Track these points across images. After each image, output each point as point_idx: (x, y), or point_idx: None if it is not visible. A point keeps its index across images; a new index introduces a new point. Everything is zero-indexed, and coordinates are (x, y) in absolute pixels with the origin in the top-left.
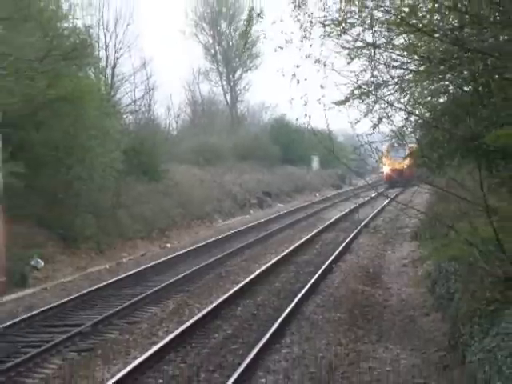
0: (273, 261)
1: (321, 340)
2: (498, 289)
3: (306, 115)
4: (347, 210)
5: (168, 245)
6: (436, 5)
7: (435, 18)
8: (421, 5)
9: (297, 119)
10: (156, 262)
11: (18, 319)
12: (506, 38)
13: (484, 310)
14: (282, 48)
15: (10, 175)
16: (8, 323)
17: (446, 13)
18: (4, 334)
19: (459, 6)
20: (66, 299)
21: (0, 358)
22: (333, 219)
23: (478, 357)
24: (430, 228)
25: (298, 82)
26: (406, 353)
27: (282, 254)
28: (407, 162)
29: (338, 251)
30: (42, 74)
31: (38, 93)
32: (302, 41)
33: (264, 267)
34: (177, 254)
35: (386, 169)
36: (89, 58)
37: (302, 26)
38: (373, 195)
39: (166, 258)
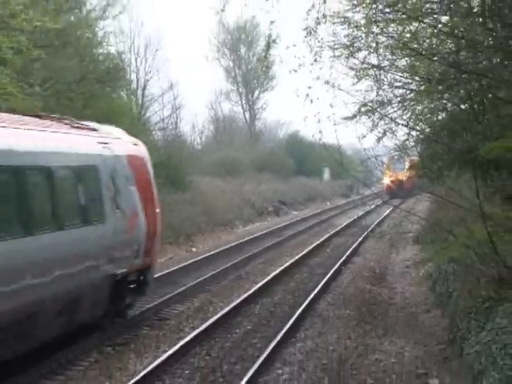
0: (288, 263)
1: (332, 334)
2: (492, 287)
3: (319, 132)
4: (355, 217)
5: (193, 249)
6: (435, 31)
7: (434, 42)
8: (421, 31)
9: (312, 135)
10: (182, 264)
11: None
12: (498, 60)
13: (480, 306)
14: (295, 71)
15: None
16: None
17: (444, 38)
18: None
19: (456, 31)
20: None
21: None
22: (342, 225)
23: (475, 349)
24: (431, 233)
25: (312, 101)
26: (410, 346)
27: (297, 257)
28: (407, 173)
29: (346, 254)
30: (79, 96)
31: (76, 112)
32: (312, 64)
33: (280, 269)
34: (201, 257)
35: (386, 180)
36: (121, 80)
37: (312, 50)
38: (378, 203)
39: (191, 261)
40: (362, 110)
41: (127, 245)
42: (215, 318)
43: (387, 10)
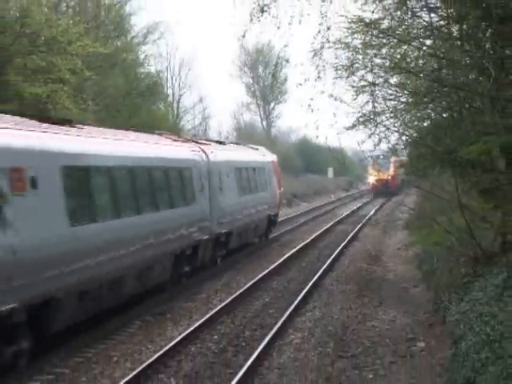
0: (300, 246)
1: (336, 305)
2: (469, 266)
3: (317, 136)
4: (354, 208)
5: None
6: (421, 52)
7: (420, 62)
8: (409, 52)
9: (316, 137)
10: None
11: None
12: (473, 76)
13: (459, 282)
14: (301, 85)
15: None
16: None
17: (428, 58)
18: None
19: (438, 53)
20: None
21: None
22: (344, 215)
23: (455, 318)
24: (418, 221)
25: (312, 111)
26: (400, 315)
27: (306, 241)
28: (391, 172)
29: (347, 239)
30: (125, 108)
31: (123, 122)
32: (316, 80)
33: (293, 251)
34: None
35: (371, 179)
36: (159, 95)
37: (317, 68)
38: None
39: None
40: (361, 120)
41: (275, 200)
42: (240, 291)
43: (381, 35)
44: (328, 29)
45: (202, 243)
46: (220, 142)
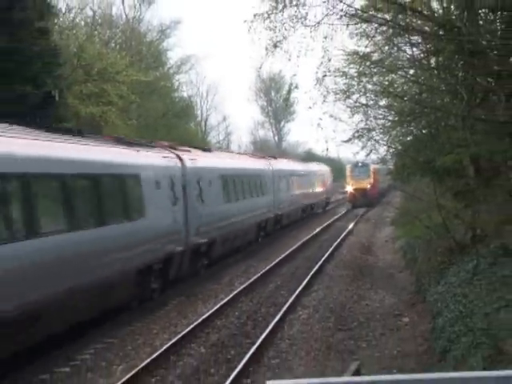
0: (305, 239)
1: (335, 288)
2: (445, 255)
3: (327, 149)
4: (350, 207)
5: None
6: (405, 80)
7: (405, 88)
8: (395, 80)
9: (326, 149)
10: None
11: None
12: (448, 99)
13: (436, 268)
14: (310, 108)
15: None
16: None
17: (411, 85)
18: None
19: (419, 80)
20: None
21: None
22: (341, 213)
23: (434, 297)
24: (402, 218)
25: (322, 128)
26: (388, 295)
27: (310, 236)
28: (371, 180)
29: (344, 233)
30: (163, 126)
31: (161, 137)
32: (322, 103)
33: (299, 243)
34: None
35: (349, 188)
36: (191, 115)
37: (321, 94)
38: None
39: None
40: (355, 135)
41: (331, 191)
42: (255, 276)
43: (372, 66)
44: (329, 60)
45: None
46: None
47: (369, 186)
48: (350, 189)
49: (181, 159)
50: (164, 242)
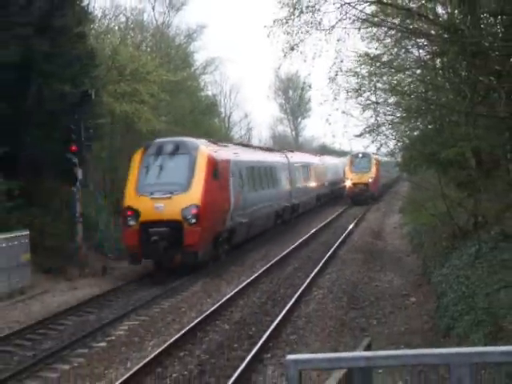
0: (320, 225)
1: (348, 270)
2: (449, 240)
3: (335, 143)
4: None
5: None
6: (412, 79)
7: (412, 86)
8: (403, 79)
9: (331, 143)
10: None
11: None
12: (452, 97)
13: (441, 252)
14: (322, 104)
15: None
16: None
17: (418, 83)
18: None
19: (425, 79)
20: None
21: (168, 281)
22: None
23: (438, 279)
24: (409, 206)
25: (330, 124)
26: (397, 277)
27: (324, 222)
28: (372, 174)
29: (356, 220)
30: (190, 122)
31: (189, 132)
32: (333, 100)
33: (314, 229)
34: None
35: (348, 183)
36: (215, 112)
37: (333, 91)
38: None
39: None
40: (366, 130)
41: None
42: (276, 259)
43: (382, 66)
44: (341, 61)
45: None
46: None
47: (370, 181)
48: (348, 183)
49: (287, 157)
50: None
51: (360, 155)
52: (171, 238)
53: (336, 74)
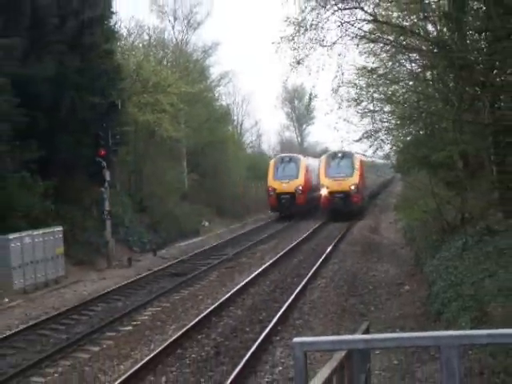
0: (323, 221)
1: (348, 261)
2: (439, 234)
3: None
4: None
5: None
6: (405, 89)
7: (405, 96)
8: (398, 90)
9: (342, 147)
10: (262, 223)
11: (192, 253)
12: (441, 106)
13: (432, 245)
14: (328, 113)
15: (191, 180)
16: (190, 254)
17: (411, 94)
18: (186, 260)
19: (418, 90)
20: (219, 242)
21: (186, 272)
22: None
23: (429, 269)
24: (403, 204)
25: (338, 130)
26: (392, 267)
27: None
28: (355, 180)
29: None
30: (206, 130)
31: (205, 138)
32: (337, 109)
33: (317, 225)
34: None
35: (323, 191)
36: (229, 120)
37: (336, 102)
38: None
39: (268, 221)
40: (364, 135)
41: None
42: (282, 252)
43: (378, 78)
44: (342, 74)
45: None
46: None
47: (353, 188)
48: (324, 192)
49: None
50: None
51: (339, 155)
52: (291, 200)
53: (338, 86)
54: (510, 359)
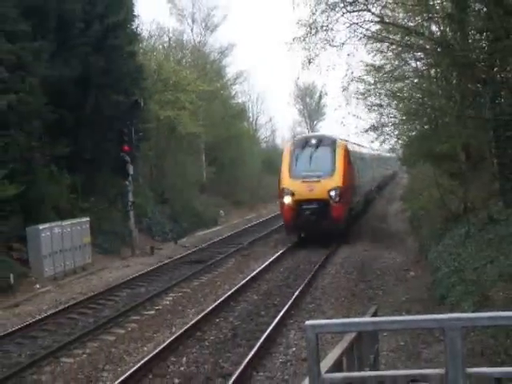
0: None
1: (357, 248)
2: (443, 223)
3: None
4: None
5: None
6: (410, 86)
7: (410, 92)
8: (403, 86)
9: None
10: (277, 213)
11: (211, 242)
12: (444, 102)
13: (436, 233)
14: (336, 109)
15: (209, 173)
16: (208, 243)
17: (415, 90)
18: (205, 249)
19: (422, 87)
20: (235, 231)
21: (205, 259)
22: None
23: (434, 256)
24: (409, 194)
25: (344, 125)
26: (399, 255)
27: None
28: (337, 181)
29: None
30: (223, 125)
31: (222, 133)
32: (346, 105)
33: None
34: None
35: (287, 199)
36: (244, 117)
37: (346, 98)
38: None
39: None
40: (372, 128)
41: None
42: (296, 240)
43: (385, 75)
44: (352, 73)
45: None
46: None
47: (332, 195)
48: (288, 200)
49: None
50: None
51: (313, 141)
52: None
53: (348, 84)
54: (509, 340)
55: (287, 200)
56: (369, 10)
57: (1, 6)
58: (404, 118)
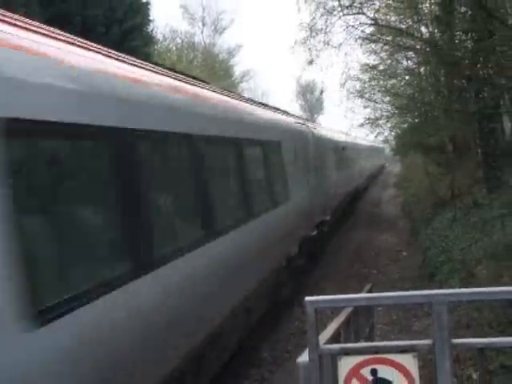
0: None
1: (353, 232)
2: (432, 208)
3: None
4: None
5: None
6: (403, 83)
7: (402, 89)
8: (396, 83)
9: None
10: None
11: None
12: (433, 97)
13: (426, 217)
14: (338, 105)
15: None
16: None
17: (407, 86)
18: None
19: (412, 83)
20: None
21: None
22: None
23: (424, 237)
24: (402, 181)
25: (347, 118)
26: (392, 237)
27: None
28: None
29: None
30: None
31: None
32: (346, 100)
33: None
34: None
35: None
36: None
37: (345, 94)
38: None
39: None
40: (367, 122)
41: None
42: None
43: (379, 73)
44: (349, 70)
45: None
46: None
47: None
48: None
49: None
50: None
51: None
52: None
53: (345, 81)
54: (493, 314)
55: None
56: (364, 14)
57: (28, 15)
58: (396, 111)
